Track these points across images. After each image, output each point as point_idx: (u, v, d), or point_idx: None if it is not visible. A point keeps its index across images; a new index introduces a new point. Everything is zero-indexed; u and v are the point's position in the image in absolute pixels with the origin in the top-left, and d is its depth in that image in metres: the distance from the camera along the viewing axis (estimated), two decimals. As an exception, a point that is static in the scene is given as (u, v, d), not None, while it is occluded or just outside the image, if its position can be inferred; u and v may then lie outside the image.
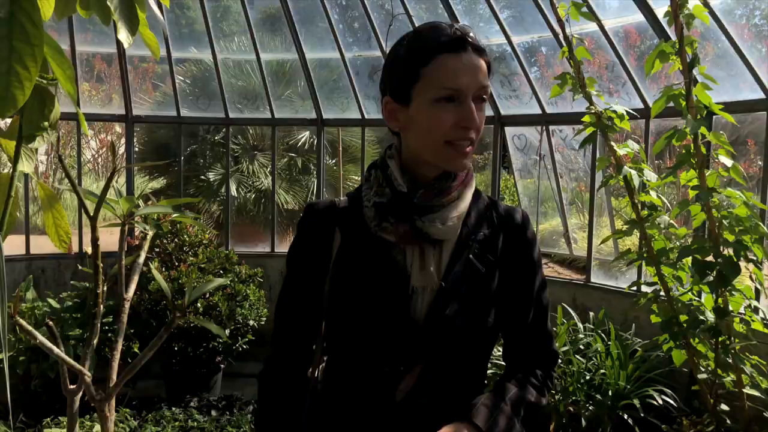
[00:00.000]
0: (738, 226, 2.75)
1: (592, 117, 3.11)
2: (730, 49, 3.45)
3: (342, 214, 1.22)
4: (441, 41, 1.10)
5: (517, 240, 1.23)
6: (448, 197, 1.15)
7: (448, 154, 1.12)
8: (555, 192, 4.69)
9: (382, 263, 1.16)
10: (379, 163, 1.22)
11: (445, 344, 1.14)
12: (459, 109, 1.09)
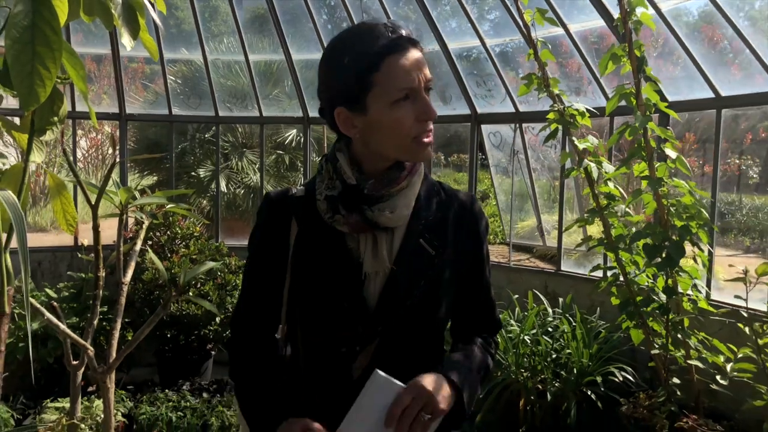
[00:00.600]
0: (685, 213, 3.03)
1: (555, 114, 3.37)
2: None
3: (298, 204, 1.26)
4: (384, 44, 1.12)
5: (463, 218, 1.29)
6: (398, 186, 1.20)
7: (415, 149, 1.17)
8: (529, 187, 4.95)
9: (336, 252, 1.21)
10: (330, 156, 1.25)
11: (396, 324, 1.20)
12: (416, 105, 1.14)
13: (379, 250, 1.20)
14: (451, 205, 1.29)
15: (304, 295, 1.23)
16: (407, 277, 1.20)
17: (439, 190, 1.30)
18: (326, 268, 1.21)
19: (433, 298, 1.23)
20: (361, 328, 1.19)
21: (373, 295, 1.20)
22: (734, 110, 3.87)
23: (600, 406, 3.56)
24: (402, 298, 1.20)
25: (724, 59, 3.94)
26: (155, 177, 7.91)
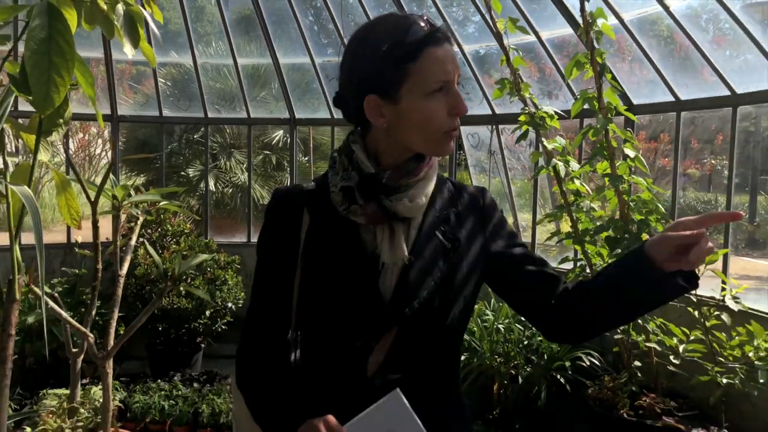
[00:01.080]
0: (644, 207, 3.28)
1: (527, 117, 3.61)
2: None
3: (310, 197, 1.23)
4: (424, 35, 1.11)
5: (477, 211, 1.27)
6: (416, 178, 1.18)
7: (442, 143, 1.15)
8: (505, 185, 5.20)
9: (351, 243, 1.18)
10: (343, 148, 1.22)
11: (412, 316, 1.16)
12: (448, 98, 1.12)
13: (396, 240, 1.17)
14: (462, 198, 1.28)
15: (316, 289, 1.20)
16: (423, 269, 1.18)
17: (449, 184, 1.30)
18: (341, 259, 1.18)
19: (449, 291, 1.20)
20: (377, 320, 1.16)
21: (389, 287, 1.17)
22: (712, 112, 4.13)
23: (568, 388, 3.80)
24: (416, 290, 1.17)
25: (687, 65, 4.20)
26: (145, 177, 8.09)
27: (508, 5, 4.33)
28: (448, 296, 1.19)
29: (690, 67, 4.10)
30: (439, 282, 1.18)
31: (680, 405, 3.37)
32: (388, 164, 1.19)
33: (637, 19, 4.00)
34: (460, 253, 1.22)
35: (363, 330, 1.17)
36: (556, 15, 4.15)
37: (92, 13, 2.30)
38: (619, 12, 3.80)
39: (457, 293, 1.21)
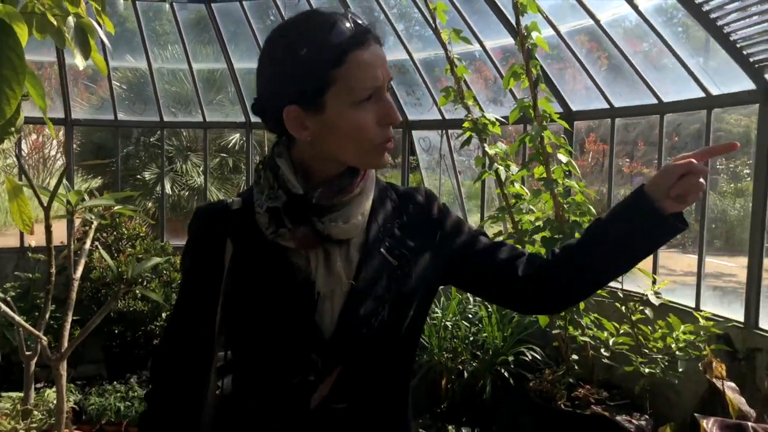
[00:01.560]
0: (578, 209, 3.49)
1: (470, 123, 3.79)
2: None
3: (234, 218, 1.11)
4: (350, 36, 0.98)
5: (423, 217, 1.17)
6: (350, 195, 1.06)
7: (375, 155, 1.04)
8: (455, 188, 5.39)
9: (281, 271, 1.07)
10: (267, 163, 1.10)
11: (361, 348, 1.07)
12: (379, 106, 1.01)
13: (333, 265, 1.06)
14: (407, 207, 1.16)
15: (241, 324, 1.09)
16: (370, 294, 1.07)
17: (391, 192, 1.18)
18: (269, 290, 1.06)
19: (400, 313, 1.09)
20: (317, 356, 1.05)
21: (329, 318, 1.06)
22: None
23: (512, 382, 4.00)
24: (366, 318, 1.06)
25: (622, 74, 4.45)
26: (101, 179, 8.05)
27: (456, 16, 4.52)
28: (399, 319, 1.09)
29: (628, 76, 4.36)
30: (388, 306, 1.07)
31: (613, 395, 3.60)
32: (319, 180, 1.07)
33: (575, 30, 4.24)
34: (410, 268, 1.11)
35: (301, 367, 1.05)
36: (498, 26, 4.35)
37: (43, 24, 2.38)
38: (556, 24, 4.01)
39: (408, 314, 1.11)
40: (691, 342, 3.09)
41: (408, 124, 5.36)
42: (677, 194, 1.02)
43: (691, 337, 3.07)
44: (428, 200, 1.19)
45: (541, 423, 3.66)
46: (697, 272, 3.69)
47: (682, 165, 1.01)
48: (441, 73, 5.30)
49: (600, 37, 4.00)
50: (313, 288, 1.06)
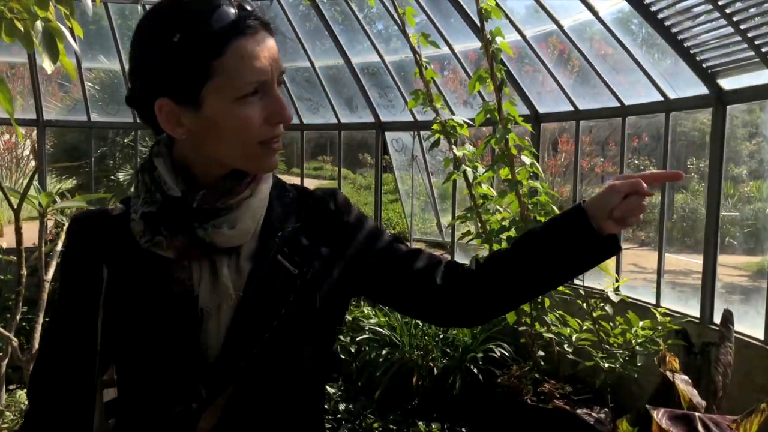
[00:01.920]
0: (542, 209, 3.59)
1: (438, 125, 3.87)
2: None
3: (110, 228, 1.00)
4: (231, 22, 0.87)
5: (328, 219, 1.06)
6: (238, 197, 0.95)
7: (261, 156, 0.94)
8: (428, 188, 5.48)
9: (159, 286, 0.95)
10: (147, 164, 0.98)
11: (252, 369, 0.95)
12: (266, 102, 0.91)
13: (219, 276, 0.95)
14: (310, 209, 1.05)
15: (120, 344, 0.99)
16: (263, 306, 0.95)
17: (293, 193, 1.07)
18: (148, 307, 0.95)
19: (299, 326, 0.98)
20: (201, 382, 0.93)
21: (215, 337, 0.94)
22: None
23: (480, 378, 4.09)
24: (256, 335, 0.94)
25: (589, 78, 4.58)
26: (74, 180, 8.01)
27: (425, 20, 4.61)
28: (298, 333, 0.98)
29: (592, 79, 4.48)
30: (284, 319, 0.96)
31: (578, 389, 3.71)
32: (204, 182, 0.96)
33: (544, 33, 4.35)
34: (313, 276, 1.00)
35: (183, 393, 0.94)
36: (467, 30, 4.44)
37: (11, 28, 2.42)
38: (521, 29, 4.11)
39: (310, 327, 1.00)
40: (649, 337, 3.20)
41: (381, 125, 5.44)
42: (619, 215, 0.94)
43: (650, 332, 3.19)
44: (340, 204, 1.08)
45: (509, 417, 3.76)
46: (657, 270, 3.82)
47: (629, 184, 0.95)
48: (413, 76, 5.39)
49: (580, 36, 4.09)
50: (196, 304, 0.94)
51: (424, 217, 6.78)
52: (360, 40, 5.46)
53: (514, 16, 4.61)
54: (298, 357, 0.99)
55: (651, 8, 3.19)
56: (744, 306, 3.80)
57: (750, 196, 10.99)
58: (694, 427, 2.29)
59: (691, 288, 7.89)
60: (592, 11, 3.62)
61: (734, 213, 11.06)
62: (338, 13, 5.67)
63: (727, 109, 3.25)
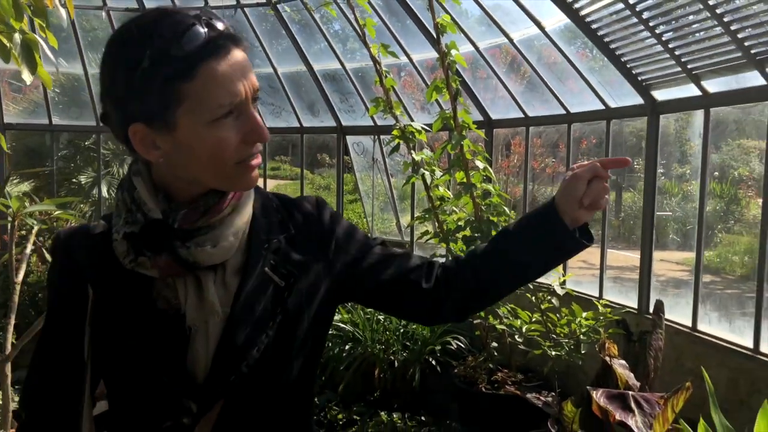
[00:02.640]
0: (495, 210, 3.85)
1: (398, 131, 4.09)
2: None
3: (92, 246, 0.99)
4: (201, 44, 0.86)
5: (313, 229, 1.06)
6: (219, 215, 0.95)
7: (239, 175, 0.93)
8: (388, 190, 5.71)
9: (145, 305, 0.95)
10: (125, 183, 0.98)
11: (244, 385, 0.95)
12: (242, 122, 0.90)
13: (205, 293, 0.95)
14: (295, 219, 1.06)
15: (108, 363, 0.99)
16: (250, 321, 0.96)
17: (276, 203, 1.07)
18: (134, 327, 0.95)
19: (289, 338, 0.99)
20: (191, 400, 0.94)
21: (203, 354, 0.95)
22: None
23: (438, 369, 4.34)
24: (245, 350, 0.95)
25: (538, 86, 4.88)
26: (34, 183, 7.96)
27: (384, 30, 4.83)
28: (288, 346, 0.99)
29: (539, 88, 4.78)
30: (274, 333, 0.97)
31: (529, 377, 3.99)
32: (182, 198, 0.95)
33: (497, 44, 4.62)
34: (300, 285, 1.01)
35: (174, 408, 0.95)
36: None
37: (-10, 41, 2.52)
38: (476, 42, 4.37)
39: (299, 338, 1.00)
40: (592, 327, 3.49)
41: (342, 129, 5.64)
42: (589, 202, 0.99)
43: (592, 322, 3.48)
44: (318, 208, 1.09)
45: (465, 405, 4.02)
46: (600, 265, 4.13)
47: (589, 169, 0.99)
48: (373, 82, 5.61)
49: (529, 47, 4.37)
50: (183, 322, 0.94)
51: (384, 217, 7.02)
52: (317, 40, 5.64)
53: (468, 18, 4.88)
54: (288, 369, 1.00)
55: (592, 26, 3.49)
56: (679, 298, 4.14)
57: (691, 194, 11.61)
58: (628, 404, 2.57)
59: (635, 282, 8.33)
60: (539, 26, 3.90)
61: (671, 212, 11.67)
62: (295, 12, 5.84)
63: (660, 118, 3.57)
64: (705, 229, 3.41)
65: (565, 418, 2.90)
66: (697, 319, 3.36)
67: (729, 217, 11.77)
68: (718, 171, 12.42)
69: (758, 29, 2.75)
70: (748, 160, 12.59)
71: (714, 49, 3.03)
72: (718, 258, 10.02)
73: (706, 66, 3.13)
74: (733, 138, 12.68)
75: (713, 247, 10.99)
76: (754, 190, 11.14)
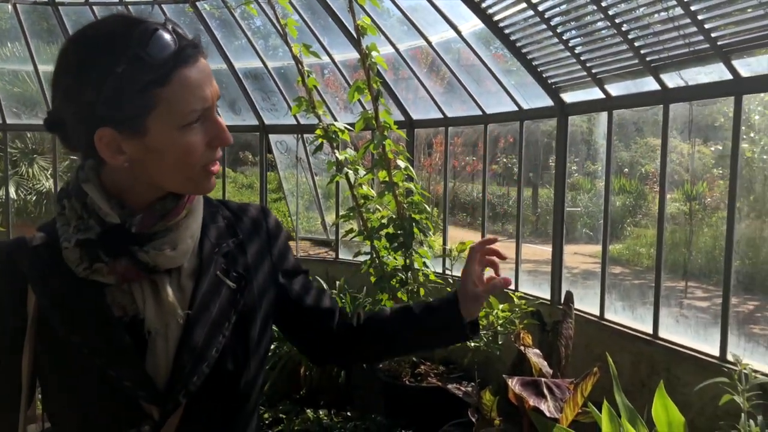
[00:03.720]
0: (416, 208, 3.96)
1: (321, 131, 4.13)
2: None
3: (33, 257, 0.97)
4: (172, 53, 0.88)
5: (260, 236, 1.11)
6: (176, 219, 0.96)
7: (202, 179, 0.96)
8: (312, 188, 5.73)
9: (100, 313, 0.94)
10: (72, 190, 0.96)
11: (205, 386, 0.97)
12: (208, 127, 0.93)
13: (163, 296, 0.96)
14: (242, 224, 1.10)
15: (56, 380, 0.97)
16: (208, 323, 0.98)
17: (223, 209, 1.11)
18: (89, 337, 0.94)
19: (243, 340, 1.02)
20: (153, 404, 0.94)
21: (163, 357, 0.95)
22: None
23: (363, 366, 4.40)
24: (205, 351, 0.96)
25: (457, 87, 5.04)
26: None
27: (306, 29, 4.85)
28: (244, 345, 1.02)
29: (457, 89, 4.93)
30: (229, 333, 1.00)
31: (450, 369, 4.14)
32: (137, 205, 0.96)
33: (416, 46, 4.73)
34: (250, 288, 1.05)
35: (135, 417, 0.94)
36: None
37: None
38: (396, 44, 4.47)
39: (253, 338, 1.04)
40: (508, 318, 3.66)
41: (265, 127, 5.62)
42: (484, 285, 1.13)
43: (509, 314, 3.65)
44: (264, 215, 1.15)
45: (390, 398, 4.11)
46: (515, 260, 4.32)
47: (489, 288, 1.12)
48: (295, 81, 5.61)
49: (448, 49, 4.50)
50: (140, 327, 0.95)
51: (309, 216, 7.03)
52: (238, 36, 5.59)
53: (390, 17, 4.98)
54: (245, 368, 1.02)
55: (505, 31, 3.65)
56: (589, 289, 4.40)
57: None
58: (541, 390, 2.73)
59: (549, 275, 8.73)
60: (455, 30, 4.04)
61: (583, 207, 12.27)
62: (214, 8, 5.76)
63: (569, 119, 3.78)
64: (610, 223, 3.64)
65: (484, 406, 3.04)
66: (604, 309, 3.59)
67: (637, 212, 12.47)
68: (627, 168, 13.15)
69: (653, 39, 2.97)
70: (654, 157, 13.39)
71: (615, 55, 3.24)
72: (627, 250, 10.62)
73: (608, 71, 3.35)
74: (641, 136, 13.46)
75: (623, 240, 11.63)
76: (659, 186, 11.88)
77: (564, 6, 3.30)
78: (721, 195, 10.29)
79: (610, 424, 2.32)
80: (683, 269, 8.21)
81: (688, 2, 2.66)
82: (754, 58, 2.73)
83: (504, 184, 15.62)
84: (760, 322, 6.57)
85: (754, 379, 2.16)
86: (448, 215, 4.98)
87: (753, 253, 8.13)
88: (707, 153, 11.27)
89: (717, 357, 2.87)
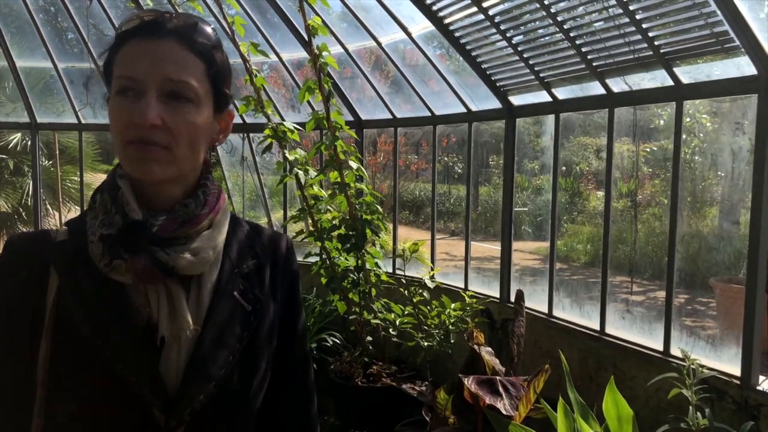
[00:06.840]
0: (368, 209, 3.96)
1: (270, 130, 4.07)
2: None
3: (59, 250, 0.96)
4: (133, 27, 0.92)
5: (282, 272, 1.09)
6: (197, 227, 0.96)
7: (129, 156, 0.91)
8: (258, 188, 5.64)
9: (118, 312, 0.92)
10: (106, 185, 0.97)
11: (210, 403, 0.95)
12: (136, 105, 0.89)
13: (177, 305, 0.94)
14: (261, 246, 1.08)
15: (71, 375, 0.92)
16: (218, 340, 0.96)
17: (253, 233, 1.10)
18: (104, 334, 0.91)
19: (250, 363, 1.00)
20: (160, 413, 0.91)
21: (175, 368, 0.93)
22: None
23: (315, 366, 4.38)
24: (215, 370, 0.94)
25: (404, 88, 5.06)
26: None
27: (252, 26, 4.77)
28: (249, 370, 1.00)
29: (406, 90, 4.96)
30: (238, 355, 0.97)
31: (402, 369, 4.16)
32: (163, 206, 0.96)
33: (365, 47, 4.73)
34: (263, 314, 1.03)
35: (141, 426, 0.92)
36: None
37: None
38: (345, 44, 4.45)
39: (258, 364, 1.02)
40: (460, 317, 3.71)
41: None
42: None
43: (460, 313, 3.70)
44: (289, 252, 1.13)
45: (342, 400, 4.10)
46: (465, 259, 4.38)
47: None
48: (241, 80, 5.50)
49: (393, 50, 4.50)
50: (155, 332, 0.93)
51: (252, 215, 6.91)
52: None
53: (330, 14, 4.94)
54: (248, 388, 1.01)
55: (455, 34, 3.69)
56: (535, 286, 4.51)
57: (541, 188, 12.57)
58: (496, 388, 2.78)
59: (494, 272, 8.92)
60: (405, 32, 4.06)
61: (527, 205, 12.58)
62: (156, 4, 5.58)
63: (517, 121, 3.86)
64: (557, 221, 3.75)
65: (438, 405, 3.08)
66: (552, 306, 3.69)
67: (573, 209, 12.88)
68: (564, 166, 13.56)
69: (598, 44, 3.07)
70: (587, 155, 13.85)
71: (562, 60, 3.33)
72: (565, 247, 10.94)
73: (555, 75, 3.44)
74: (575, 135, 13.90)
75: (560, 236, 11.98)
76: (593, 184, 12.29)
77: (514, 12, 3.37)
78: (651, 192, 10.76)
79: (565, 420, 2.39)
80: (628, 266, 8.54)
81: (627, 2, 2.75)
82: (693, 66, 2.86)
83: (445, 182, 15.84)
84: (692, 314, 6.91)
85: (701, 374, 2.27)
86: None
87: (683, 248, 8.54)
88: (641, 153, 11.76)
89: (661, 351, 2.99)
